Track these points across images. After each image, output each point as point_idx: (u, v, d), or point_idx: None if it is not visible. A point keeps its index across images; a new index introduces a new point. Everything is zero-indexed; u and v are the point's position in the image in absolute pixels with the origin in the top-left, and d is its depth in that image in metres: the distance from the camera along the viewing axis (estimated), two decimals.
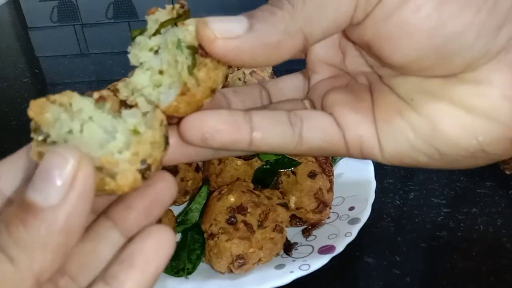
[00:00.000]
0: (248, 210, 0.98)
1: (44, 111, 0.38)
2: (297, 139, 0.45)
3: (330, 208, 1.08)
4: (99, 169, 0.36)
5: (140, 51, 0.43)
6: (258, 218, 0.99)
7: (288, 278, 0.93)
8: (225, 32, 0.41)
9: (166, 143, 0.40)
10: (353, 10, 0.41)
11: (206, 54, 0.40)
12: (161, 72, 0.42)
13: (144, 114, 0.40)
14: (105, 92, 0.41)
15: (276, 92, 0.54)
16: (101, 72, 2.01)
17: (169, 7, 0.44)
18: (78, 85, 1.90)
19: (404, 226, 1.09)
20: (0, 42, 2.34)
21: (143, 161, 0.37)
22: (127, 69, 0.43)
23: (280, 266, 0.97)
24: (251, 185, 1.05)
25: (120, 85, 0.43)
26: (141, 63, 0.43)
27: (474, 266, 0.99)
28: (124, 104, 0.42)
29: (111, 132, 0.38)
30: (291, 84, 0.55)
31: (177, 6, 0.44)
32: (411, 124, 0.46)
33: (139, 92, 0.42)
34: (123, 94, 0.42)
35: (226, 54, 0.40)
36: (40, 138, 0.38)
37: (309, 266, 0.95)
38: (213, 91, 0.41)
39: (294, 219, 1.07)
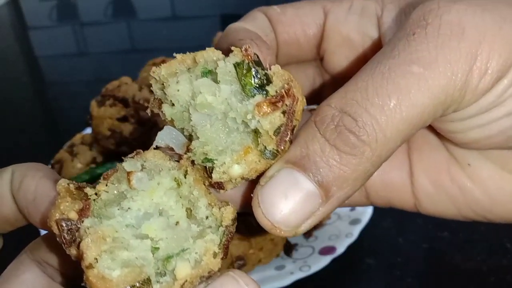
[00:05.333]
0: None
1: None
2: None
3: None
4: None
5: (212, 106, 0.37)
6: None
7: (289, 280, 0.93)
8: (299, 220, 0.35)
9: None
10: (440, 114, 0.35)
11: None
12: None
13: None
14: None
15: None
16: (100, 71, 2.00)
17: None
18: (77, 84, 1.89)
19: (405, 227, 1.09)
20: (0, 42, 2.34)
21: None
22: (125, 68, 0.43)
23: (280, 267, 0.97)
24: None
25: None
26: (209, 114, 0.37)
27: (475, 266, 0.99)
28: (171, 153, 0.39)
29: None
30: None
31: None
32: (463, 191, 0.41)
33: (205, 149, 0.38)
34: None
35: (309, 229, 0.36)
36: None
37: (310, 267, 0.95)
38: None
39: None
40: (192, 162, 0.39)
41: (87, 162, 1.18)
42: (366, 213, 1.05)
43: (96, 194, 0.36)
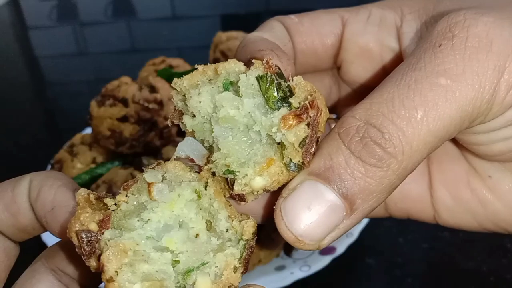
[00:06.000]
0: None
1: None
2: None
3: None
4: None
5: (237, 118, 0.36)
6: None
7: (289, 280, 0.93)
8: (323, 233, 0.34)
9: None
10: (466, 126, 0.35)
11: None
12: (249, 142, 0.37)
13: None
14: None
15: None
16: (100, 71, 2.00)
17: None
18: (77, 84, 1.89)
19: (405, 227, 1.09)
20: (0, 42, 2.34)
21: None
22: (125, 68, 0.43)
23: (280, 268, 0.97)
24: None
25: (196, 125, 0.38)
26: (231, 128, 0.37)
27: (475, 266, 0.99)
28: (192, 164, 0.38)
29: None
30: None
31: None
32: (483, 203, 0.41)
33: (225, 158, 0.38)
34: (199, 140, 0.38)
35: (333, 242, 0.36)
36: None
37: (310, 267, 0.95)
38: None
39: None
40: (213, 173, 0.38)
41: (87, 162, 1.18)
42: None
43: (115, 204, 0.36)
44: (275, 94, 0.35)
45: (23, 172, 0.41)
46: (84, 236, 0.34)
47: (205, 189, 0.38)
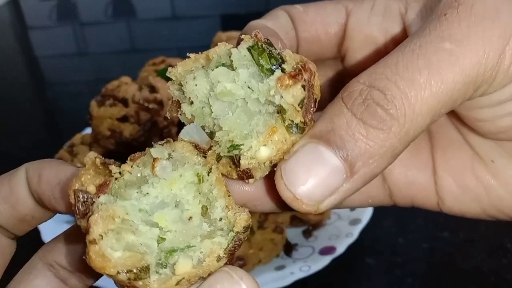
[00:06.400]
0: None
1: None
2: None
3: None
4: None
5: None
6: (258, 219, 0.98)
7: (289, 280, 0.93)
8: (322, 195, 0.34)
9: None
10: (470, 94, 0.35)
11: None
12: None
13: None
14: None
15: None
16: (100, 71, 2.00)
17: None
18: (77, 84, 1.89)
19: (405, 227, 1.09)
20: (0, 42, 2.34)
21: None
22: (125, 68, 0.43)
23: (280, 268, 0.97)
24: None
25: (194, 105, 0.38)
26: (231, 101, 0.37)
27: (475, 266, 0.99)
28: (197, 148, 0.39)
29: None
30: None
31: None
32: (487, 189, 0.41)
33: (228, 133, 0.38)
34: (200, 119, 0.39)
35: (332, 207, 0.35)
36: None
37: (310, 267, 0.94)
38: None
39: (295, 220, 1.07)
40: (218, 159, 0.38)
41: None
42: (366, 213, 1.05)
43: (120, 173, 0.36)
44: (268, 60, 0.36)
45: None
46: (80, 196, 0.34)
47: (208, 175, 0.38)
